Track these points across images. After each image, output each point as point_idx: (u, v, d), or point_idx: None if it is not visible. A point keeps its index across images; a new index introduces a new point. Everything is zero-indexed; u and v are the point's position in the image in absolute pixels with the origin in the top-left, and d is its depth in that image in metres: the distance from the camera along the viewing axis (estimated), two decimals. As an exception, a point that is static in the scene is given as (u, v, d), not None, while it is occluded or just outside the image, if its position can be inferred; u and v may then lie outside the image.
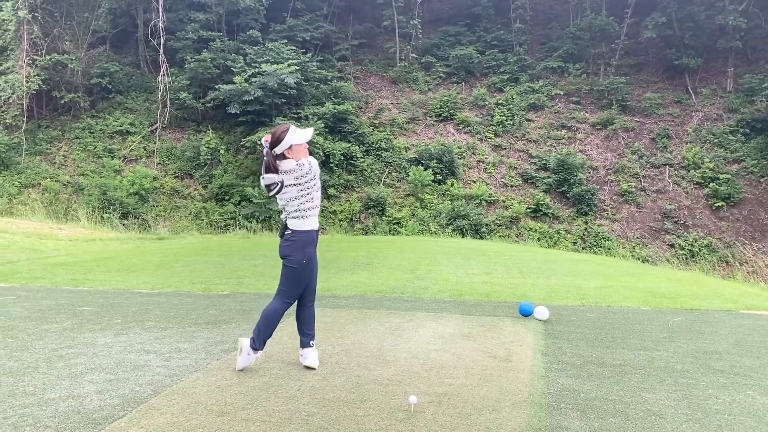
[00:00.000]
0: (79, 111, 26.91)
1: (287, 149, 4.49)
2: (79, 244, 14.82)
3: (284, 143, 4.47)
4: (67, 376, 4.65)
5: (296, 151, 4.50)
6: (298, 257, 4.52)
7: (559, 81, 28.63)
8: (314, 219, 4.56)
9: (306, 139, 4.51)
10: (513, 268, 10.63)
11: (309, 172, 4.48)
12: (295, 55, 25.88)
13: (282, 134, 4.49)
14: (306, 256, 4.52)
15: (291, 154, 4.50)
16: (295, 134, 4.48)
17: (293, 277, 4.58)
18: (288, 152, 4.50)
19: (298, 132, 4.50)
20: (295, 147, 4.49)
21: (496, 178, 24.51)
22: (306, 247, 4.53)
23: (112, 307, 7.17)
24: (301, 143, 4.50)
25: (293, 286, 4.61)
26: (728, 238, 21.27)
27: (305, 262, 4.52)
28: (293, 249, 4.52)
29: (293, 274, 4.56)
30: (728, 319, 6.83)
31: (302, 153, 4.52)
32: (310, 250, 4.55)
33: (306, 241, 4.53)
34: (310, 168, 4.48)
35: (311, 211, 4.54)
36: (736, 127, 24.68)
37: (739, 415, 4.00)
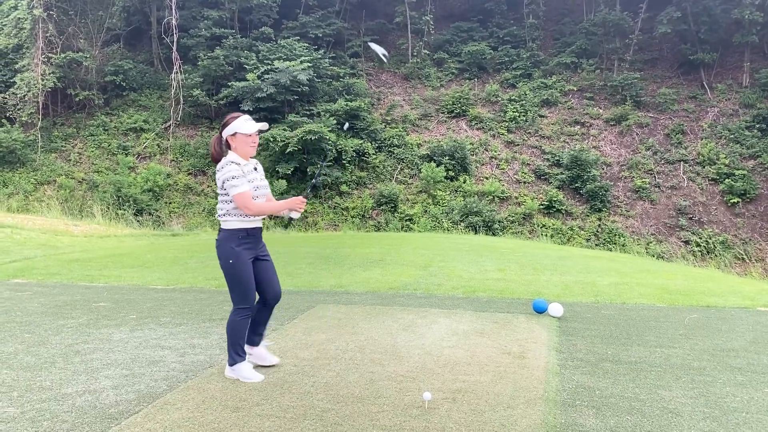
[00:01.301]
0: (93, 108, 27.12)
1: (231, 135, 4.35)
2: (94, 241, 14.94)
3: (229, 128, 4.35)
4: (83, 371, 4.69)
5: (240, 140, 4.34)
6: (225, 257, 4.36)
7: (572, 77, 28.45)
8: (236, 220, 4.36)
9: (252, 130, 4.35)
10: (526, 264, 10.57)
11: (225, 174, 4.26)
12: (307, 51, 25.91)
13: (231, 119, 4.38)
14: (232, 255, 4.34)
15: (234, 142, 4.35)
16: (244, 123, 4.35)
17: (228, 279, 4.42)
18: (231, 139, 4.36)
19: (248, 122, 4.37)
20: (239, 136, 4.33)
21: (509, 175, 24.42)
22: (232, 246, 4.34)
23: (128, 303, 7.22)
24: (247, 133, 4.33)
25: (236, 288, 4.42)
26: (744, 234, 21.06)
27: (231, 261, 4.34)
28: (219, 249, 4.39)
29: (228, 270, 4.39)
30: (745, 316, 6.75)
31: (245, 145, 4.36)
32: (237, 249, 4.34)
33: (233, 240, 4.35)
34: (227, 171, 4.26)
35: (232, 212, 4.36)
36: (752, 123, 24.41)
37: (757, 413, 3.95)
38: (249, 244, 4.41)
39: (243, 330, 4.50)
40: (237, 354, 4.51)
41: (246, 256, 4.38)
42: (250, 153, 4.42)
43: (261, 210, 4.34)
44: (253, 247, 4.45)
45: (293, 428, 3.67)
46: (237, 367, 4.51)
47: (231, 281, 4.41)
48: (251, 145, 4.39)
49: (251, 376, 4.50)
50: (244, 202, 4.26)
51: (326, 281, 8.75)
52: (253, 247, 4.44)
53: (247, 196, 4.26)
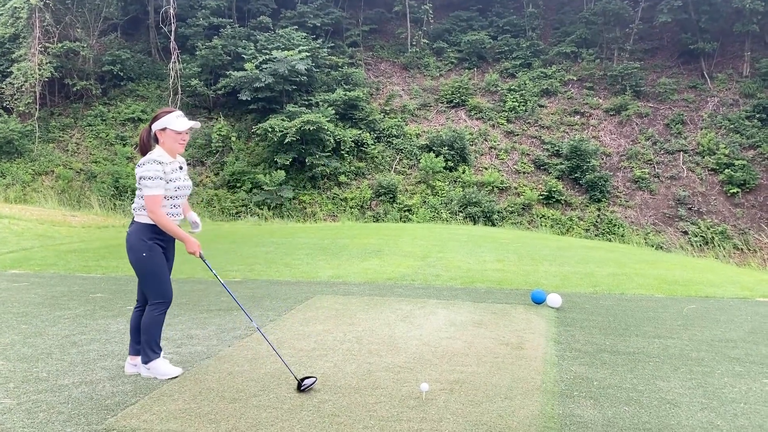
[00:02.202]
0: (91, 98, 26.99)
1: (160, 130, 4.25)
2: (92, 231, 14.91)
3: (160, 122, 4.24)
4: (80, 362, 4.68)
5: (169, 136, 4.24)
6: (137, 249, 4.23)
7: (572, 66, 28.32)
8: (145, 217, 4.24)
9: (183, 127, 4.24)
10: (525, 255, 10.56)
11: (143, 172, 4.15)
12: (305, 41, 25.76)
13: (162, 114, 4.29)
14: (145, 248, 4.22)
15: (162, 137, 4.25)
16: (176, 119, 4.25)
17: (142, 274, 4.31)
18: (160, 134, 4.26)
19: (179, 119, 4.26)
20: (169, 132, 4.23)
21: (508, 165, 24.36)
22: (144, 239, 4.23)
23: (125, 294, 7.21)
24: (177, 130, 4.23)
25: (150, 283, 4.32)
26: (743, 224, 21.04)
27: (144, 255, 4.22)
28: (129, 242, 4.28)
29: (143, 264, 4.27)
30: (744, 306, 6.75)
31: (174, 141, 4.26)
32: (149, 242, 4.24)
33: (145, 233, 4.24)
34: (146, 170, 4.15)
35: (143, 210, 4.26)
36: (752, 113, 24.31)
37: (755, 404, 3.95)
38: (161, 240, 4.29)
39: (159, 326, 4.37)
40: (152, 351, 4.36)
41: (158, 250, 4.27)
42: (177, 150, 4.31)
43: (163, 222, 4.16)
44: (164, 245, 4.33)
45: (290, 419, 3.66)
46: (152, 365, 4.37)
47: (145, 276, 4.29)
48: (180, 143, 4.29)
49: (168, 371, 4.38)
50: (153, 206, 4.14)
51: (324, 272, 8.73)
52: (164, 244, 4.32)
53: (157, 201, 4.14)
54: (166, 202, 4.25)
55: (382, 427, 3.58)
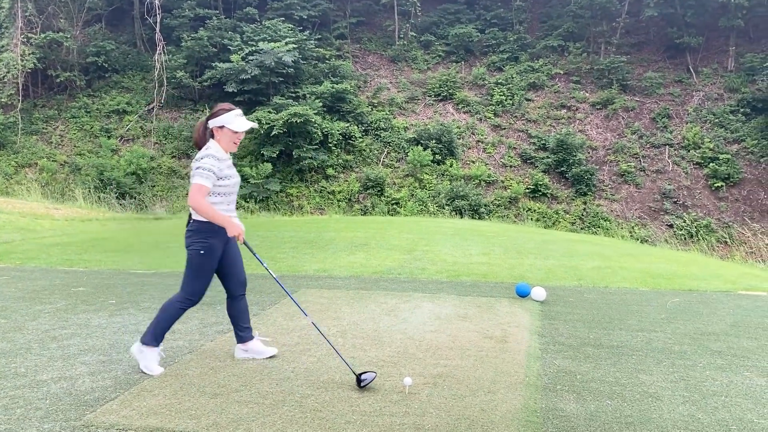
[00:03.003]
0: (75, 90, 26.69)
1: (217, 127, 4.23)
2: (75, 224, 14.75)
3: (218, 120, 4.21)
4: (59, 357, 4.62)
5: (225, 134, 4.22)
6: (196, 247, 4.26)
7: (559, 60, 28.37)
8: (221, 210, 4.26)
9: (240, 128, 4.22)
10: (511, 248, 10.58)
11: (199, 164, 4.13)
12: (292, 33, 25.61)
13: (221, 111, 4.25)
14: (204, 247, 4.25)
15: (218, 135, 4.24)
16: (234, 119, 4.21)
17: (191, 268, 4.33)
18: (216, 131, 4.24)
19: (238, 118, 4.23)
20: (226, 130, 4.21)
21: (495, 159, 24.40)
22: (205, 237, 4.24)
23: (107, 288, 7.13)
24: (234, 130, 4.21)
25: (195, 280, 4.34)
26: (727, 218, 21.23)
27: (202, 252, 4.25)
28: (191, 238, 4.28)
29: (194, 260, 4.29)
30: (726, 300, 6.79)
31: (230, 140, 4.25)
32: (210, 241, 4.25)
33: (206, 232, 4.24)
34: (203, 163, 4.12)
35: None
36: (736, 107, 24.51)
37: (735, 396, 3.97)
38: (219, 239, 4.28)
39: (174, 319, 4.36)
40: (154, 337, 4.32)
41: (217, 250, 4.30)
42: (231, 149, 4.29)
43: (204, 209, 4.12)
44: (222, 243, 4.33)
45: (271, 414, 3.63)
46: (147, 351, 4.31)
47: (192, 271, 4.31)
48: (235, 142, 4.27)
49: (152, 368, 4.31)
50: (196, 193, 4.10)
51: (309, 265, 8.70)
52: (221, 242, 4.32)
53: (202, 190, 4.10)
54: (222, 198, 4.23)
55: (364, 421, 3.55)
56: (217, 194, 4.21)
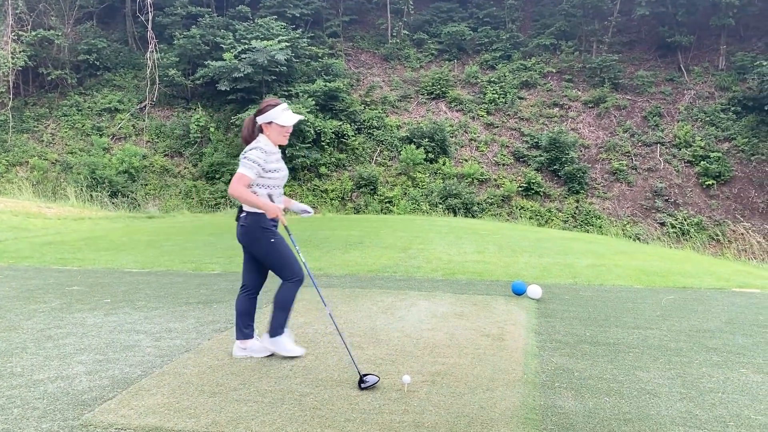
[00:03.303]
0: (66, 88, 26.53)
1: (266, 123, 4.31)
2: (67, 223, 14.67)
3: (266, 116, 4.29)
4: (56, 356, 4.59)
5: (273, 129, 4.30)
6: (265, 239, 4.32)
7: (551, 58, 28.45)
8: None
9: (288, 122, 4.29)
10: (505, 246, 10.60)
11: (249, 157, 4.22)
12: (285, 31, 25.54)
13: (267, 107, 4.31)
14: (271, 234, 4.32)
15: (267, 130, 4.32)
16: (281, 113, 4.27)
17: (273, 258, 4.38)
18: (265, 126, 4.32)
19: (285, 113, 4.28)
20: (275, 125, 4.28)
21: (488, 157, 24.44)
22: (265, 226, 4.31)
23: (102, 287, 7.10)
24: (282, 125, 4.28)
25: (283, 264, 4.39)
26: (718, 216, 21.36)
27: (272, 240, 4.33)
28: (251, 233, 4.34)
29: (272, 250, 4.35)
30: (720, 297, 6.84)
31: (279, 135, 4.32)
32: (270, 228, 4.33)
33: (263, 221, 4.31)
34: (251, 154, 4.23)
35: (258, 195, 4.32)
36: (727, 105, 24.65)
37: (732, 393, 4.00)
38: (275, 224, 4.39)
39: (291, 303, 4.52)
40: (280, 327, 4.53)
41: (279, 234, 4.42)
42: (282, 142, 4.39)
43: (243, 195, 4.19)
44: (276, 226, 4.43)
45: (271, 413, 3.62)
46: (278, 340, 4.54)
47: (277, 259, 4.40)
48: (284, 135, 4.35)
49: (292, 349, 4.56)
50: (237, 182, 4.19)
51: (305, 264, 8.68)
52: (276, 226, 4.42)
53: (243, 180, 4.19)
54: (268, 190, 4.32)
55: (363, 419, 3.55)
56: (264, 186, 4.30)
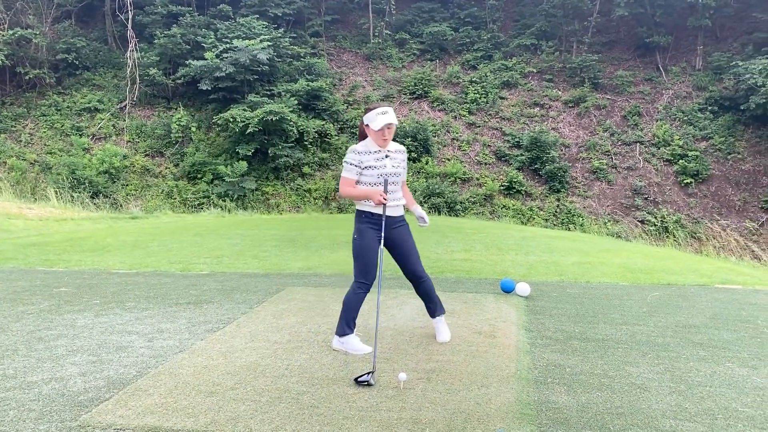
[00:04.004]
0: (44, 87, 26.18)
1: (366, 125, 4.60)
2: (49, 224, 14.50)
3: (365, 118, 4.61)
4: (48, 358, 4.57)
5: (370, 132, 4.57)
6: (354, 233, 4.69)
7: (532, 58, 28.68)
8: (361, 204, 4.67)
9: (376, 128, 4.48)
10: (491, 245, 10.70)
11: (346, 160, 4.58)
12: (267, 30, 25.46)
13: (368, 110, 4.61)
14: (357, 232, 4.65)
15: (368, 131, 4.60)
16: (375, 118, 4.50)
17: (354, 249, 4.69)
18: (366, 128, 4.62)
19: (378, 117, 4.49)
20: (370, 128, 4.55)
21: (470, 156, 24.58)
22: (358, 224, 4.66)
23: (90, 288, 7.05)
24: (373, 129, 4.51)
25: (356, 262, 4.68)
26: (696, 214, 21.71)
27: (356, 237, 4.65)
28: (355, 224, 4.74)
29: (354, 246, 4.69)
30: (704, 293, 6.97)
31: (376, 137, 4.56)
32: (361, 226, 4.64)
33: (359, 219, 4.67)
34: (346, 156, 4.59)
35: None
36: (704, 105, 25.06)
37: (719, 386, 4.10)
38: (373, 225, 4.61)
39: (356, 304, 4.69)
40: (347, 326, 4.70)
41: (371, 234, 4.61)
42: (380, 144, 4.59)
43: (349, 194, 4.60)
44: (379, 229, 4.62)
45: (269, 411, 3.65)
46: (345, 339, 4.71)
47: (354, 257, 4.68)
48: (383, 138, 4.55)
49: (360, 348, 4.69)
50: (341, 185, 4.62)
51: (294, 263, 8.70)
52: (378, 228, 4.62)
53: (345, 182, 4.59)
54: (367, 188, 4.57)
55: (361, 417, 3.59)
56: (363, 183, 4.59)
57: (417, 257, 4.82)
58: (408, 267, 4.81)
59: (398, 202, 4.71)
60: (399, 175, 4.65)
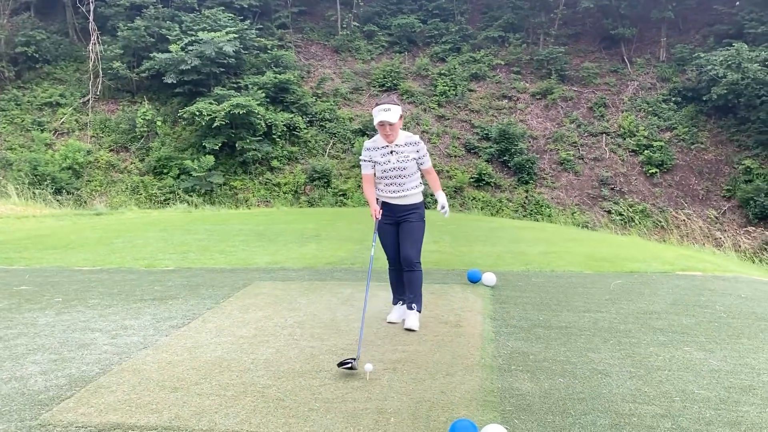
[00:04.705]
0: (3, 81, 25.49)
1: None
2: (10, 222, 14.17)
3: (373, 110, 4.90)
4: (7, 357, 4.48)
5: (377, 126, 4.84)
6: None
7: (500, 51, 28.86)
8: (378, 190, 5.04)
9: (376, 122, 4.76)
10: (460, 236, 10.77)
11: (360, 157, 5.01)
12: (233, 22, 25.16)
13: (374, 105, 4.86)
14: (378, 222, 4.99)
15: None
16: (376, 113, 4.76)
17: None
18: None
19: (376, 114, 4.75)
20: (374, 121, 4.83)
21: (440, 149, 24.68)
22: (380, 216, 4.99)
23: (52, 286, 6.92)
24: (374, 123, 4.80)
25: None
26: (661, 203, 22.14)
27: (376, 229, 4.99)
28: None
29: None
30: (665, 280, 7.13)
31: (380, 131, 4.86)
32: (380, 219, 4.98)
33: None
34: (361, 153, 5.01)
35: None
36: (668, 96, 25.52)
37: (677, 370, 4.20)
38: (385, 211, 5.02)
39: (391, 279, 5.37)
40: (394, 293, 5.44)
41: (384, 220, 5.04)
42: (385, 140, 4.88)
43: (365, 194, 5.09)
44: (391, 215, 5.05)
45: (234, 405, 3.64)
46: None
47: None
48: (384, 134, 4.83)
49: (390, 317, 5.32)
50: (363, 181, 5.08)
51: (261, 258, 8.65)
52: (389, 214, 5.04)
53: (364, 179, 5.05)
54: (379, 180, 5.00)
55: (327, 408, 3.61)
56: (377, 177, 4.99)
57: (412, 245, 5.05)
58: (401, 251, 5.10)
59: (405, 194, 5.02)
60: (404, 169, 4.90)
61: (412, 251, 5.04)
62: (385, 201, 5.01)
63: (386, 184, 4.99)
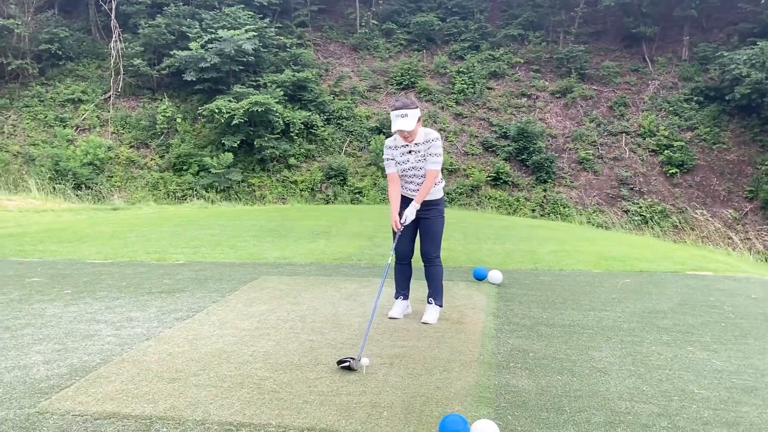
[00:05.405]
0: (27, 78, 25.91)
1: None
2: (29, 215, 14.41)
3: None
4: (12, 347, 4.56)
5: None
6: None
7: (519, 49, 28.66)
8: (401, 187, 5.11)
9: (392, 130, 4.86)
10: (470, 234, 10.73)
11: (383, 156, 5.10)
12: (252, 20, 25.29)
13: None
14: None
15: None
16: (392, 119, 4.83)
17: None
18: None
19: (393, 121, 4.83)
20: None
21: (458, 147, 24.59)
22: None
23: (63, 278, 7.02)
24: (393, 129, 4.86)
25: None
26: (681, 204, 21.83)
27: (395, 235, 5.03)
28: None
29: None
30: (675, 279, 7.03)
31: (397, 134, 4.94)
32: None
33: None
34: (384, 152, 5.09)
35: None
36: (690, 95, 25.14)
37: (678, 369, 4.15)
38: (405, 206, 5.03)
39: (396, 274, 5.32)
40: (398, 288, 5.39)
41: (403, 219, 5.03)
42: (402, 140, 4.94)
43: (390, 195, 5.10)
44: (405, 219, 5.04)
45: (230, 396, 3.66)
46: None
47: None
48: (401, 137, 4.91)
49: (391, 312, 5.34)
50: (387, 180, 5.14)
51: (270, 253, 8.69)
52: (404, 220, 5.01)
53: (389, 177, 5.10)
54: (401, 179, 5.07)
55: (321, 401, 3.62)
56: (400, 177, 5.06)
57: (432, 241, 5.12)
58: (421, 247, 5.17)
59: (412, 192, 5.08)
60: (422, 168, 4.97)
61: (431, 247, 5.12)
62: (404, 196, 5.11)
63: (406, 182, 5.09)
